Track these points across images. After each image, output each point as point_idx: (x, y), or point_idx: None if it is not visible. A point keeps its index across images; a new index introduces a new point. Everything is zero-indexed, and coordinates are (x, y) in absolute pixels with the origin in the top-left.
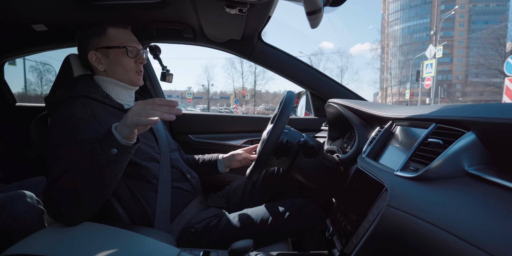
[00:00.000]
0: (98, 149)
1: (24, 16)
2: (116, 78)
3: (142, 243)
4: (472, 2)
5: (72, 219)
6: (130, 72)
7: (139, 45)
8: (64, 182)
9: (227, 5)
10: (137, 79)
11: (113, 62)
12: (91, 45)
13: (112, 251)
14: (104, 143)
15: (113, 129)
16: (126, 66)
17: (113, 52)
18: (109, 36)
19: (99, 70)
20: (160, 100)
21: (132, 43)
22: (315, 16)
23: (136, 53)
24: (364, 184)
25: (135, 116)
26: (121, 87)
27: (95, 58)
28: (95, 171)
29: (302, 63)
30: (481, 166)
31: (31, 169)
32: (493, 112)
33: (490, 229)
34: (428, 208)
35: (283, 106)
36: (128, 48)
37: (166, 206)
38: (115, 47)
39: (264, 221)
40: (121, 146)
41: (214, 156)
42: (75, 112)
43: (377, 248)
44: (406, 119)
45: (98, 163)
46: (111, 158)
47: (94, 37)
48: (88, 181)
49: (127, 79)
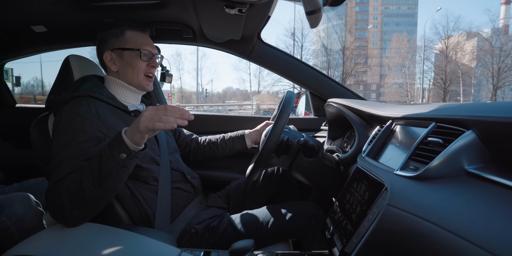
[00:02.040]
0: (107, 153)
1: (24, 18)
2: (126, 80)
3: (143, 243)
4: (384, 5)
5: (74, 220)
6: (140, 75)
7: (154, 49)
8: (70, 183)
9: (227, 6)
10: (146, 84)
11: (126, 64)
12: (108, 45)
13: (113, 252)
14: (113, 147)
15: (123, 134)
16: (138, 68)
17: (127, 54)
18: (126, 38)
19: (112, 70)
20: (172, 106)
21: (147, 47)
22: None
23: (150, 57)
24: (364, 183)
25: (149, 121)
26: (128, 90)
27: (110, 58)
28: (103, 175)
29: (302, 63)
30: (481, 165)
31: (31, 170)
32: (493, 111)
33: (491, 228)
34: (428, 207)
35: (283, 104)
36: (142, 51)
37: (166, 207)
38: (130, 49)
39: (265, 224)
40: (131, 151)
41: (239, 132)
42: (79, 112)
43: (378, 247)
44: (405, 118)
45: (107, 167)
46: (120, 163)
47: (111, 38)
48: (95, 184)
49: (136, 82)
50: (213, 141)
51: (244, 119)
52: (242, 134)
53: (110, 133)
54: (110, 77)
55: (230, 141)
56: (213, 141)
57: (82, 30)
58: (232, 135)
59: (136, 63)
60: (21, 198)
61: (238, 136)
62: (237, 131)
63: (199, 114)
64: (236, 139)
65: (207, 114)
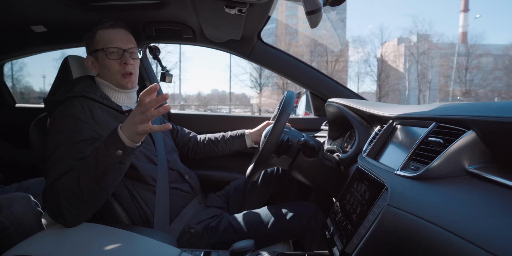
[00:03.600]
0: (103, 151)
1: (23, 18)
2: (108, 81)
3: (143, 243)
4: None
5: (73, 219)
6: (116, 75)
7: (126, 44)
8: (67, 182)
9: (227, 5)
10: (124, 82)
11: (101, 65)
12: (88, 50)
13: (113, 252)
14: (109, 144)
15: (119, 131)
16: (111, 68)
17: (99, 55)
18: (97, 39)
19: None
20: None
21: (116, 44)
22: (315, 16)
23: (120, 54)
24: (364, 183)
25: (145, 124)
26: (116, 90)
27: (90, 62)
28: (100, 172)
29: (302, 63)
30: (482, 165)
31: (30, 170)
32: (494, 111)
33: (491, 228)
34: (429, 207)
35: (284, 104)
36: (109, 49)
37: (165, 207)
38: (99, 49)
39: (265, 224)
40: (127, 148)
41: (239, 132)
42: (73, 112)
43: (378, 247)
44: (406, 118)
45: (103, 164)
46: (116, 160)
47: (88, 42)
48: (92, 182)
49: (115, 82)
50: (212, 139)
51: (244, 119)
52: (243, 133)
53: (104, 133)
54: (98, 79)
55: (230, 140)
56: (213, 140)
57: (82, 30)
58: (232, 134)
59: (109, 63)
60: (20, 198)
61: (238, 135)
62: (238, 131)
63: (199, 114)
64: (236, 138)
65: (207, 114)
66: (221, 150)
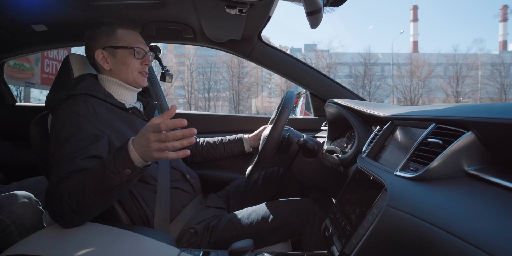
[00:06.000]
0: (111, 166)
1: (24, 16)
2: (120, 78)
3: (142, 243)
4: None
5: (72, 222)
6: (135, 73)
7: (146, 47)
8: (71, 188)
9: (227, 5)
10: (141, 80)
11: (119, 62)
12: (99, 44)
13: (113, 251)
14: (118, 160)
15: (130, 147)
16: (132, 66)
17: (120, 52)
18: (118, 36)
19: (105, 69)
20: (174, 135)
21: (140, 45)
22: (315, 16)
23: (143, 55)
24: (363, 184)
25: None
26: (124, 88)
27: (102, 56)
28: (106, 188)
29: (302, 63)
30: (481, 166)
31: (30, 169)
32: (493, 112)
33: (490, 229)
34: (428, 208)
35: (284, 101)
36: (136, 49)
37: (165, 207)
38: (123, 47)
39: (264, 220)
40: (136, 167)
41: (238, 136)
42: (76, 110)
43: (377, 248)
44: (405, 119)
45: (110, 181)
46: (123, 179)
47: (102, 36)
48: (96, 195)
49: (131, 79)
50: (211, 143)
51: (245, 119)
52: (241, 137)
53: (107, 131)
54: (103, 76)
55: (228, 144)
56: (211, 144)
57: (82, 29)
58: (230, 138)
59: (130, 61)
60: (21, 197)
61: (237, 139)
62: (236, 135)
63: (199, 114)
64: (235, 142)
65: (207, 114)
66: (219, 154)
